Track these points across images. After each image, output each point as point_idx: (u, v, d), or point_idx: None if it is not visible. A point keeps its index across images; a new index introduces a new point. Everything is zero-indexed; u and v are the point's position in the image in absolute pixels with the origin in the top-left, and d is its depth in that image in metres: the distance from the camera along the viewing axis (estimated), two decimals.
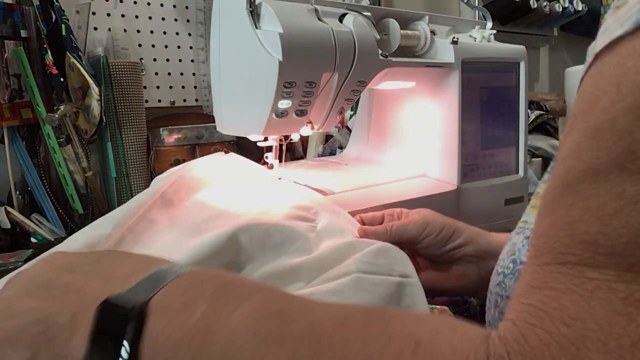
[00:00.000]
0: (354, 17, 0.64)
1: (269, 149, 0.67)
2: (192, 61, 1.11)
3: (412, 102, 0.82)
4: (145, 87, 1.01)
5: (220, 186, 0.59)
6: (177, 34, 1.09)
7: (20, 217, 0.82)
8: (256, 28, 0.57)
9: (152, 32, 1.06)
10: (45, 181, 0.88)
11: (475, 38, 0.82)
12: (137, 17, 1.03)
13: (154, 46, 1.06)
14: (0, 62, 0.82)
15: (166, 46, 1.08)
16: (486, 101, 0.80)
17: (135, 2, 1.03)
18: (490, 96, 0.80)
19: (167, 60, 1.08)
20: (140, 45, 1.04)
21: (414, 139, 0.82)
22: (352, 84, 0.64)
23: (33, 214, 0.86)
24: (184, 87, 1.11)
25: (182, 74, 1.10)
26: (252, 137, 0.65)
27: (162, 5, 1.07)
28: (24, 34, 0.85)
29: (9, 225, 0.80)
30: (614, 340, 0.21)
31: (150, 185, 0.57)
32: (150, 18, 1.05)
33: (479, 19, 1.05)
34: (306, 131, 0.66)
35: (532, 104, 1.37)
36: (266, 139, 0.65)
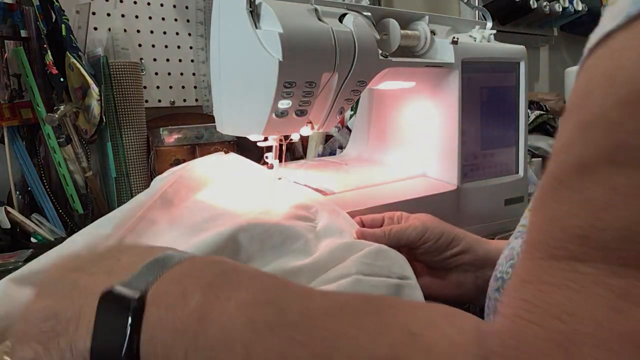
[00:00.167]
0: (354, 17, 0.63)
1: (269, 149, 0.67)
2: (192, 61, 1.11)
3: (412, 102, 0.82)
4: (145, 87, 1.01)
5: (220, 186, 0.59)
6: (177, 34, 1.09)
7: (20, 217, 0.82)
8: (256, 28, 0.57)
9: (152, 32, 1.06)
10: (45, 181, 0.88)
11: (475, 38, 0.82)
12: (137, 17, 1.04)
13: (154, 46, 1.06)
14: (0, 62, 0.82)
15: (166, 46, 1.08)
16: (486, 101, 0.80)
17: (135, 2, 1.03)
18: (490, 96, 0.80)
19: (167, 60, 1.08)
20: (140, 45, 1.04)
21: (414, 139, 0.82)
22: (352, 84, 0.64)
23: (33, 214, 0.86)
24: (184, 87, 1.11)
25: (182, 74, 1.10)
26: (252, 137, 0.65)
27: (162, 5, 1.07)
28: (24, 34, 0.85)
29: (9, 225, 0.80)
30: (608, 335, 0.21)
31: (150, 186, 0.58)
32: (150, 18, 1.05)
33: (479, 19, 1.05)
34: (306, 131, 0.66)
35: (532, 104, 1.37)
36: (266, 139, 0.65)
